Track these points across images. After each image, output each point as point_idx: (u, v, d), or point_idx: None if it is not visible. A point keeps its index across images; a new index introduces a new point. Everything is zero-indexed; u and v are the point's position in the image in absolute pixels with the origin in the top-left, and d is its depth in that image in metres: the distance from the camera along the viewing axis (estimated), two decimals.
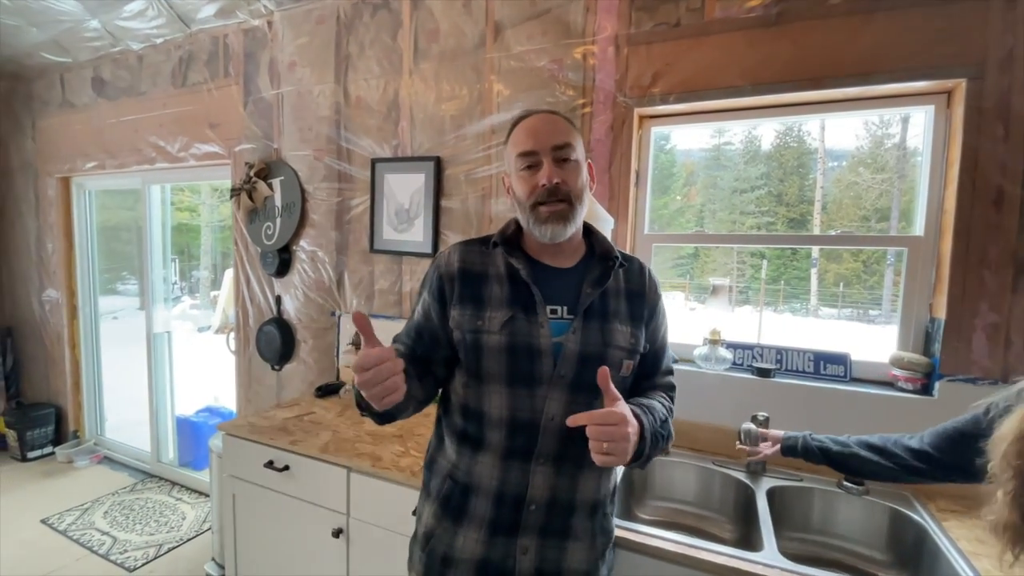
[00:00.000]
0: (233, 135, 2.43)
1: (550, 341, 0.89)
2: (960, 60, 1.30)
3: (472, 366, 0.92)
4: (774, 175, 13.34)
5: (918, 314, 1.45)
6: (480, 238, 1.01)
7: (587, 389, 0.88)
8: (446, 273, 0.95)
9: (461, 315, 0.92)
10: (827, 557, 1.29)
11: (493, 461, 0.91)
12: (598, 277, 0.95)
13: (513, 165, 0.93)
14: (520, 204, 0.93)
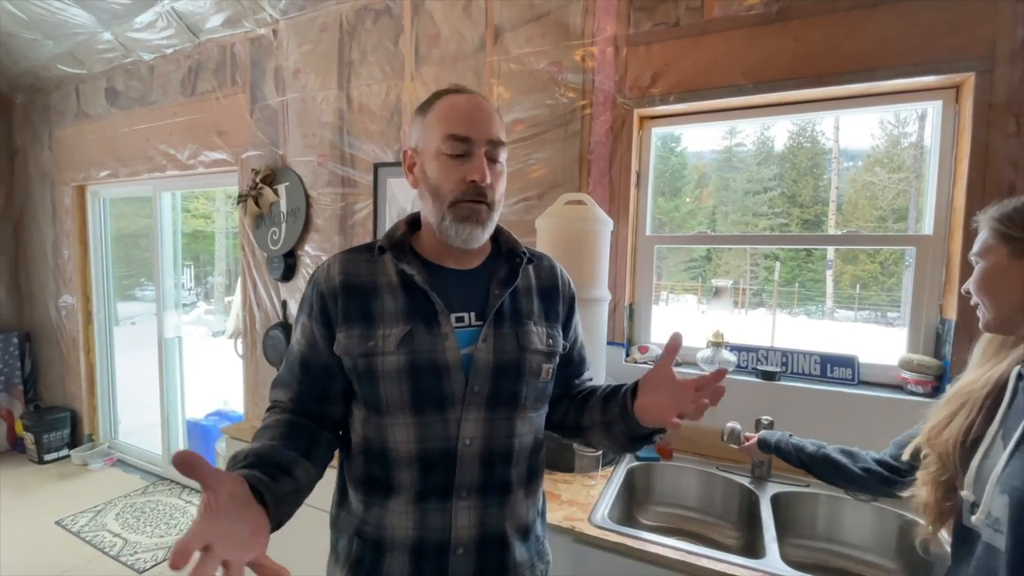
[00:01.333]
0: (240, 142, 2.46)
1: (458, 354, 0.77)
2: (968, 53, 1.26)
3: (369, 396, 0.77)
4: (787, 176, 13.20)
5: (928, 315, 1.41)
6: (364, 245, 0.85)
7: (507, 402, 0.80)
8: (328, 290, 0.79)
9: (348, 337, 0.77)
10: (832, 565, 1.26)
11: (406, 507, 0.76)
12: (506, 276, 0.84)
13: (435, 145, 0.77)
14: (435, 193, 0.78)
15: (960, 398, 0.79)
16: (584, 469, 1.38)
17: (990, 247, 0.76)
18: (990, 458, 0.72)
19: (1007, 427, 0.71)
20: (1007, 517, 0.63)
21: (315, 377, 0.80)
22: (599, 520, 1.16)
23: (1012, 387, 0.73)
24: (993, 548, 0.65)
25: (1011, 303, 0.74)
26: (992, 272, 0.75)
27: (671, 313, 9.32)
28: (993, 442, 0.72)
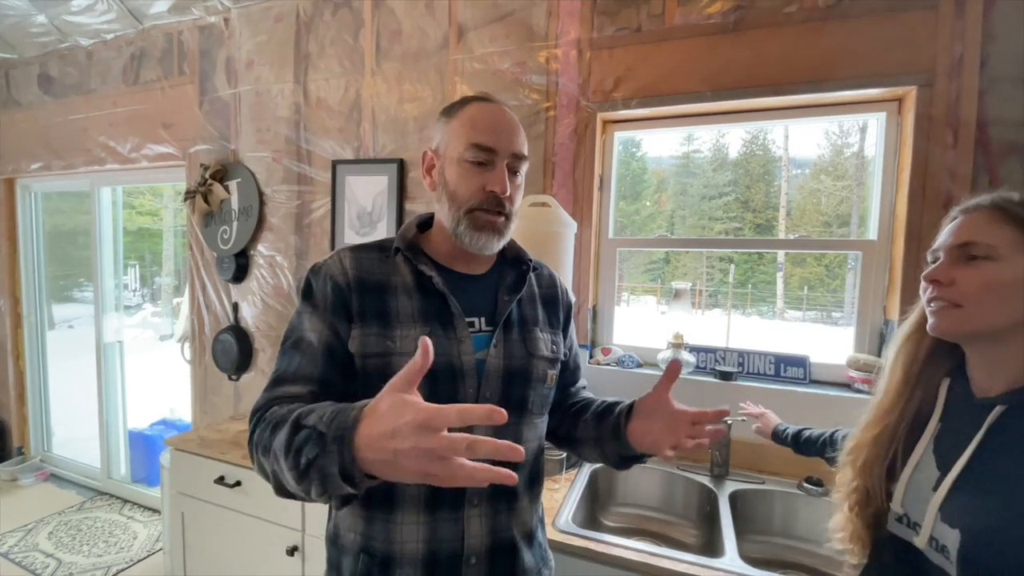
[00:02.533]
0: (188, 136, 2.33)
1: (473, 358, 0.77)
2: (910, 68, 1.33)
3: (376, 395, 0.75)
4: (741, 182, 13.74)
5: (873, 316, 1.48)
6: (371, 244, 0.84)
7: (515, 408, 0.80)
8: (344, 283, 0.77)
9: (365, 335, 0.75)
10: (789, 559, 1.30)
11: (416, 518, 0.74)
12: (513, 283, 0.86)
13: (458, 151, 0.77)
14: (452, 198, 0.79)
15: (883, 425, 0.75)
16: (548, 473, 1.37)
17: (1014, 247, 0.63)
18: (921, 472, 0.70)
19: (940, 445, 0.69)
20: (958, 552, 0.61)
21: (340, 366, 0.75)
22: (563, 524, 1.15)
23: (943, 402, 0.71)
24: (943, 572, 0.63)
25: (1005, 320, 0.64)
26: (1011, 282, 0.63)
27: (632, 314, 9.50)
28: (924, 456, 0.70)
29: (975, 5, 1.26)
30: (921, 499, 0.68)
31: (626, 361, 1.67)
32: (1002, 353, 0.65)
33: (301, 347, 0.76)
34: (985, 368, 0.67)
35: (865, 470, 0.75)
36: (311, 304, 0.78)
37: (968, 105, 1.28)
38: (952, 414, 0.70)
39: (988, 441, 0.63)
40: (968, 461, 0.64)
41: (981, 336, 0.66)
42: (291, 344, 0.77)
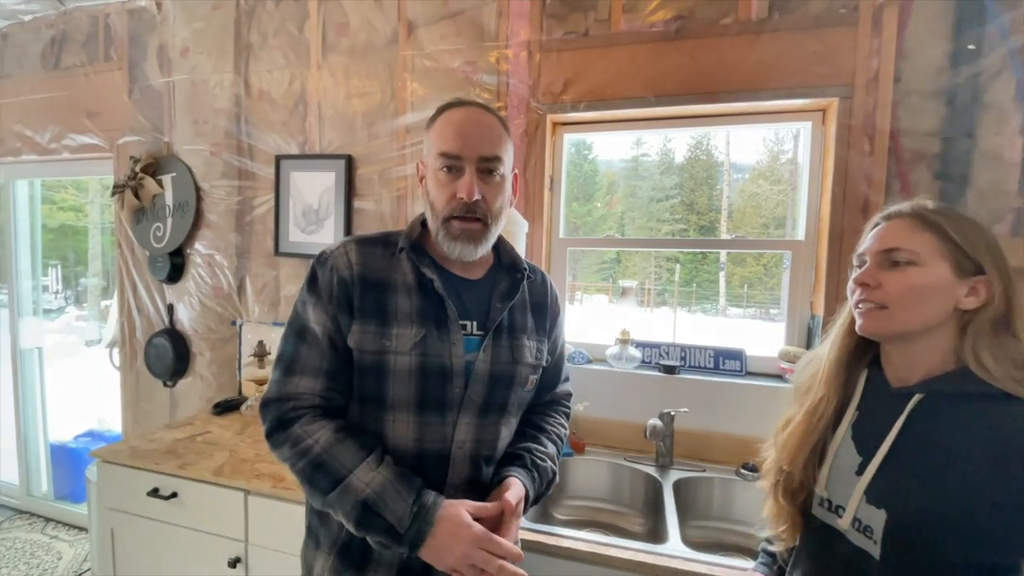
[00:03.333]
0: (116, 126, 2.18)
1: (463, 361, 0.81)
2: (833, 80, 1.44)
3: (372, 390, 0.80)
4: (686, 185, 14.30)
5: (801, 311, 1.59)
6: (377, 237, 0.86)
7: (496, 410, 0.85)
8: (349, 277, 0.80)
9: (363, 332, 0.79)
10: (727, 542, 1.37)
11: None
12: (507, 290, 0.89)
13: (432, 162, 0.81)
14: (432, 208, 0.83)
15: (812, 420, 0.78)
16: None
17: (933, 252, 0.68)
18: (842, 457, 0.74)
19: (859, 431, 0.74)
20: (883, 531, 0.66)
21: (343, 357, 0.81)
22: None
23: (862, 390, 0.77)
24: (864, 552, 0.68)
25: (926, 321, 0.68)
26: (932, 285, 0.67)
27: (586, 312, 9.68)
28: (843, 442, 0.75)
29: (890, 24, 1.37)
30: (844, 483, 0.73)
31: (576, 358, 1.70)
32: (919, 349, 0.71)
33: (307, 337, 0.81)
34: (902, 362, 0.73)
35: (795, 460, 0.79)
36: (315, 295, 0.82)
37: (883, 116, 1.40)
38: (869, 402, 0.76)
39: (908, 426, 0.69)
40: (891, 446, 0.69)
41: (906, 336, 0.70)
42: (296, 331, 0.82)
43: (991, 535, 0.60)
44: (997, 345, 0.65)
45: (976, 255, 0.67)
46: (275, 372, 0.82)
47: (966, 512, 0.61)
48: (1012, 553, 0.61)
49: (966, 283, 0.67)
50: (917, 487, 0.65)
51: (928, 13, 1.35)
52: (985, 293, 0.66)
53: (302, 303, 0.83)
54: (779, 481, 0.82)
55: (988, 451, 0.61)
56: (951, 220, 0.69)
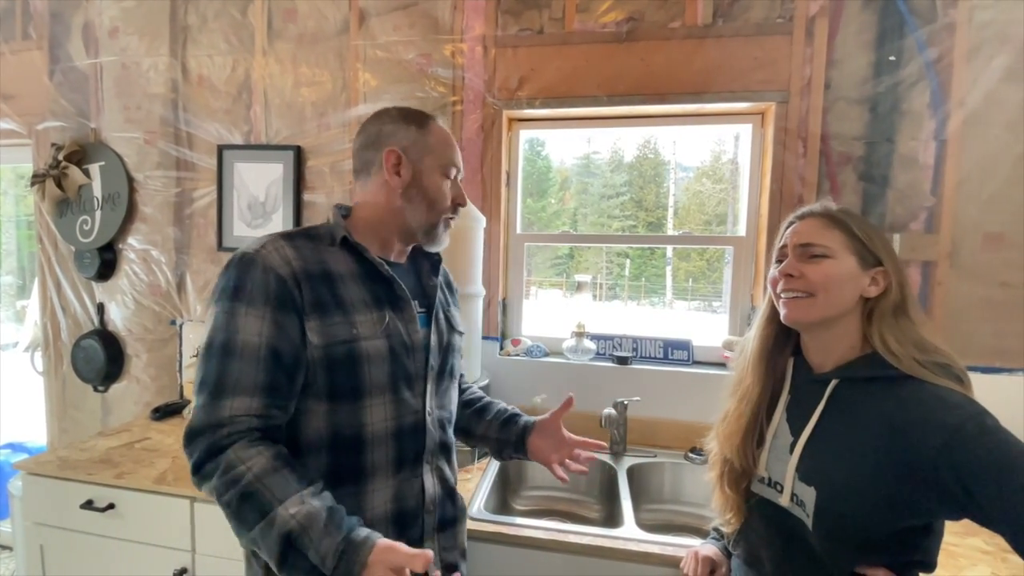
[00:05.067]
0: (35, 110, 2.00)
1: (420, 336, 0.87)
2: (771, 86, 1.53)
3: (345, 381, 0.78)
4: (635, 183, 14.70)
5: (742, 303, 1.68)
6: (297, 232, 0.85)
7: (448, 375, 0.94)
8: (288, 275, 0.76)
9: (327, 325, 0.77)
10: (678, 523, 1.44)
11: (385, 483, 0.82)
12: (431, 269, 0.97)
13: (438, 165, 0.88)
14: (431, 203, 0.88)
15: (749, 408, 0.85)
16: (460, 464, 1.37)
17: (842, 246, 0.77)
18: (779, 438, 0.81)
19: (791, 414, 0.81)
20: (813, 506, 0.72)
21: (287, 367, 0.75)
22: (476, 512, 1.18)
23: (791, 377, 0.85)
24: (802, 524, 0.75)
25: (841, 307, 0.76)
26: (844, 274, 0.76)
27: (540, 306, 9.80)
28: (780, 425, 0.82)
29: (821, 34, 1.47)
30: (781, 461, 0.80)
31: (534, 351, 1.73)
32: (832, 336, 0.79)
33: (237, 351, 0.72)
34: (817, 349, 0.81)
35: (738, 449, 0.85)
36: (245, 301, 0.74)
37: (815, 120, 1.50)
38: (798, 387, 0.84)
39: (828, 409, 0.76)
40: (814, 428, 0.77)
41: (826, 323, 0.77)
42: (222, 347, 0.73)
43: (899, 502, 0.67)
44: (898, 329, 0.74)
45: (875, 249, 0.77)
46: (199, 397, 0.72)
47: (875, 484, 0.68)
48: (920, 515, 0.68)
49: (868, 274, 0.76)
50: (837, 464, 0.72)
51: (855, 25, 1.46)
52: (884, 282, 0.76)
53: (225, 314, 0.74)
54: (724, 472, 0.88)
55: (888, 427, 0.68)
56: (854, 219, 0.79)
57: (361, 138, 0.89)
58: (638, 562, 1.06)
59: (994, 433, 0.61)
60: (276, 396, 0.73)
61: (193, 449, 0.71)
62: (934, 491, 0.64)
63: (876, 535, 0.70)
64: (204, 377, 0.73)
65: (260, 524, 0.66)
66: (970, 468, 0.60)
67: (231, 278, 0.76)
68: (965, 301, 1.43)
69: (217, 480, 0.69)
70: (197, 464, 0.71)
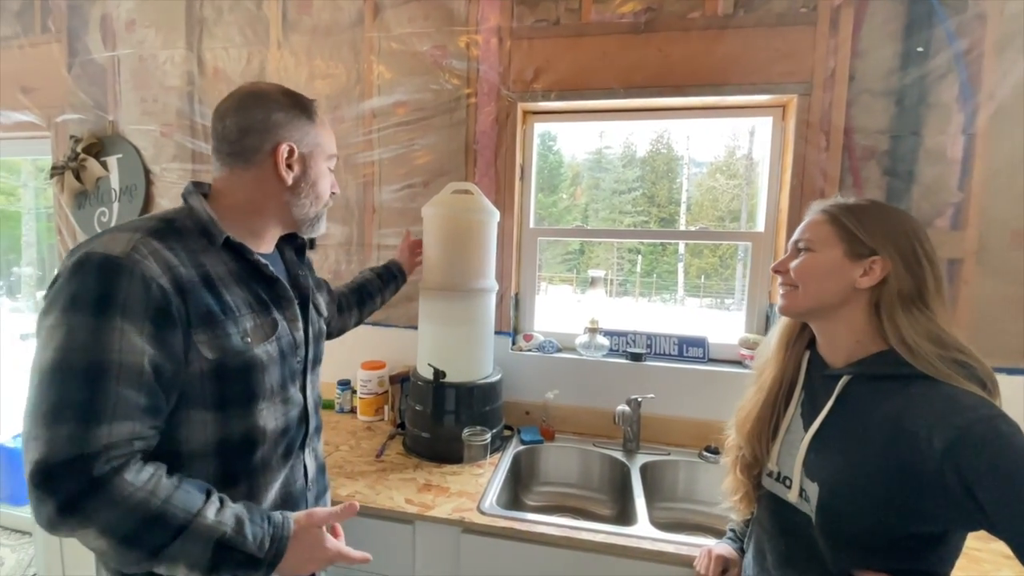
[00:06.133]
0: (54, 102, 2.03)
1: (301, 332, 0.89)
2: (793, 78, 1.49)
3: (238, 392, 0.75)
4: (648, 178, 14.56)
5: (760, 300, 1.65)
6: (160, 228, 0.73)
7: (318, 361, 0.98)
8: (171, 284, 0.68)
9: (218, 337, 0.72)
10: (692, 521, 1.42)
11: (275, 475, 0.83)
12: (296, 255, 0.98)
13: (324, 155, 0.89)
14: (319, 196, 0.89)
15: (766, 397, 0.86)
16: (473, 459, 1.38)
17: (826, 240, 0.77)
18: (792, 433, 0.81)
19: (805, 409, 0.81)
20: (817, 502, 0.72)
21: (166, 386, 0.68)
22: (487, 507, 1.17)
23: (805, 371, 0.84)
24: (808, 519, 0.74)
25: (826, 299, 0.77)
26: (825, 266, 0.76)
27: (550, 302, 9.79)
28: (794, 419, 0.82)
29: (847, 24, 1.43)
30: (791, 455, 0.79)
31: (547, 346, 1.72)
32: (834, 330, 0.78)
33: (112, 374, 0.62)
34: (825, 343, 0.81)
35: (750, 436, 0.86)
36: (118, 314, 0.63)
37: (838, 113, 1.46)
38: (811, 382, 0.83)
39: (837, 406, 0.75)
40: (821, 423, 0.75)
41: (815, 313, 0.79)
42: (89, 368, 0.62)
43: (904, 507, 0.65)
44: (913, 321, 0.70)
45: (869, 239, 0.74)
46: (55, 427, 0.60)
47: (878, 486, 0.66)
48: (929, 522, 0.65)
49: (859, 265, 0.74)
50: (840, 462, 0.71)
51: (881, 15, 1.41)
52: (880, 271, 0.73)
53: (86, 330, 0.62)
54: (738, 457, 0.89)
55: (894, 427, 0.66)
56: (849, 212, 0.77)
57: (238, 119, 0.79)
58: (652, 561, 1.05)
59: (1007, 438, 0.58)
60: (157, 417, 0.67)
61: (57, 487, 0.59)
62: (941, 497, 0.61)
63: (879, 539, 0.68)
64: (63, 401, 0.61)
65: (176, 540, 0.63)
66: (976, 473, 0.57)
67: (90, 286, 0.64)
68: (992, 300, 1.39)
69: (111, 514, 0.61)
70: (69, 503, 0.59)
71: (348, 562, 0.79)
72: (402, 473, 1.33)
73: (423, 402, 1.43)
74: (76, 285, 0.64)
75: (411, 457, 1.43)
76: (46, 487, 0.59)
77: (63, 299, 0.64)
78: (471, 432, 1.37)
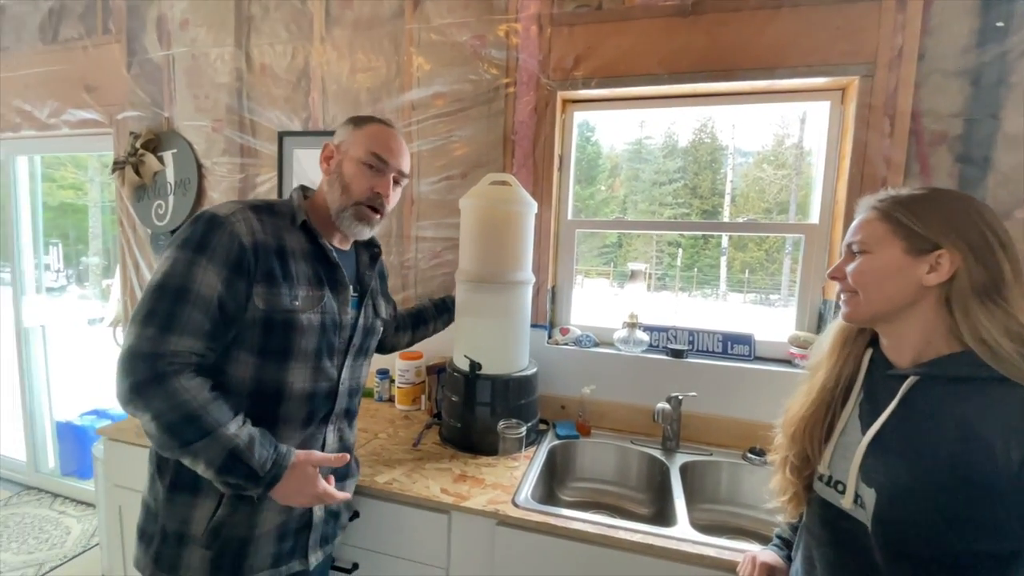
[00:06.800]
0: (115, 100, 2.14)
1: (349, 317, 1.03)
2: (854, 58, 1.39)
3: (277, 344, 0.91)
4: (690, 169, 14.12)
5: (812, 296, 1.57)
6: (262, 205, 0.95)
7: (364, 353, 1.10)
8: (249, 243, 0.87)
9: (272, 294, 0.89)
10: (734, 524, 1.37)
11: (292, 433, 0.95)
12: (369, 261, 1.14)
13: (359, 154, 1.00)
14: (346, 190, 0.99)
15: (819, 397, 0.80)
16: (508, 451, 1.37)
17: (882, 239, 0.71)
18: (848, 435, 0.75)
19: (863, 411, 0.75)
20: (873, 510, 0.67)
21: (228, 320, 0.86)
22: (522, 501, 1.16)
23: (865, 372, 0.78)
24: (863, 528, 0.69)
25: (892, 302, 0.70)
26: (884, 268, 0.70)
27: (587, 295, 9.70)
28: (850, 421, 0.76)
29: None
30: (846, 459, 0.74)
31: (584, 340, 1.69)
32: (902, 330, 0.72)
33: (191, 298, 0.82)
34: (891, 344, 0.75)
35: (800, 437, 0.81)
36: (207, 256, 0.84)
37: (904, 96, 1.36)
38: (872, 382, 0.77)
39: (901, 408, 0.69)
40: (882, 426, 0.70)
41: (882, 318, 0.73)
42: (176, 290, 0.82)
43: (972, 520, 0.60)
44: (990, 315, 0.64)
45: (930, 233, 0.68)
46: (145, 327, 0.80)
47: (942, 496, 0.61)
48: (1001, 539, 0.60)
49: (925, 261, 0.68)
50: (901, 468, 0.66)
51: None
52: (948, 266, 0.66)
53: (185, 263, 0.83)
54: (787, 456, 0.84)
55: (966, 433, 0.61)
56: (902, 205, 0.70)
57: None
58: (692, 564, 1.01)
59: None
60: (214, 341, 0.85)
61: (132, 371, 0.79)
62: (1015, 511, 0.56)
63: (941, 553, 0.62)
64: (155, 310, 0.81)
65: (202, 440, 0.79)
66: None
67: (198, 232, 0.85)
68: None
69: (161, 404, 0.78)
70: (138, 385, 0.79)
71: (332, 501, 0.93)
72: (438, 463, 1.34)
73: (458, 393, 1.43)
74: (188, 231, 0.86)
75: (447, 447, 1.44)
76: (125, 370, 0.79)
77: (179, 239, 0.85)
78: (506, 425, 1.37)
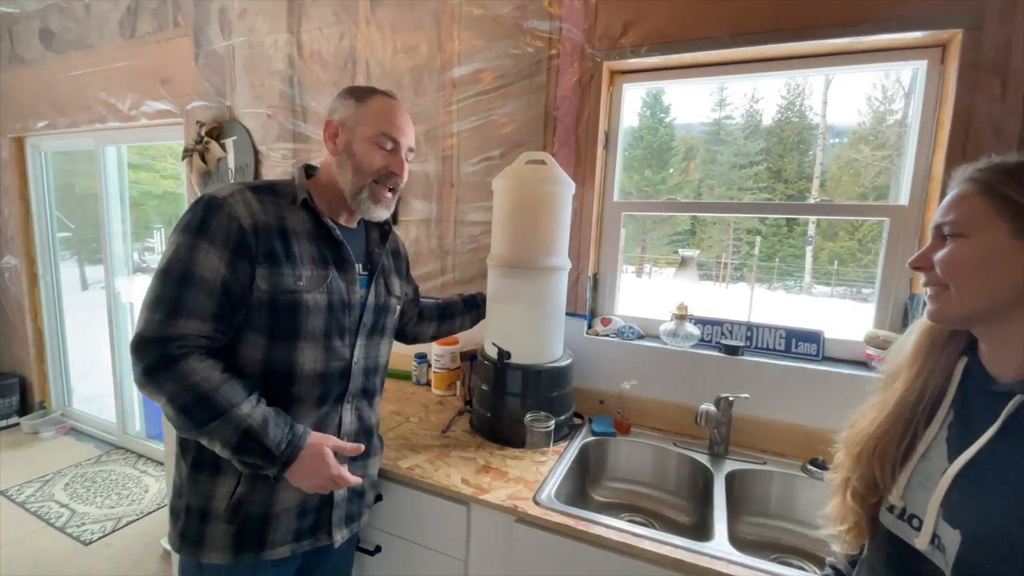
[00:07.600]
0: (185, 91, 2.27)
1: (358, 296, 1.00)
2: (957, 7, 1.16)
3: (284, 325, 0.90)
4: (774, 151, 13.09)
5: (897, 289, 1.35)
6: (265, 186, 0.93)
7: (379, 332, 1.07)
8: (249, 225, 0.86)
9: (275, 275, 0.88)
10: (785, 543, 1.22)
11: (307, 413, 0.94)
12: (379, 238, 1.10)
13: (369, 133, 0.95)
14: (358, 168, 0.96)
15: (896, 412, 0.67)
16: (534, 445, 1.31)
17: (982, 219, 0.56)
18: (931, 462, 0.62)
19: (953, 431, 0.62)
20: (956, 555, 0.55)
21: (234, 303, 0.85)
22: (544, 499, 1.09)
23: (958, 384, 0.63)
24: (938, 570, 0.57)
25: (992, 299, 0.56)
26: (983, 256, 0.56)
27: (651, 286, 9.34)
28: (934, 445, 0.63)
29: None
30: (926, 490, 0.60)
31: (626, 332, 1.58)
32: (1007, 334, 0.57)
33: (194, 281, 0.82)
34: (992, 352, 0.60)
35: (868, 458, 0.67)
36: (207, 239, 0.83)
37: (1019, 53, 1.12)
38: (966, 399, 0.62)
39: (1002, 433, 0.55)
40: (976, 454, 0.56)
41: (978, 318, 0.59)
42: (181, 275, 0.82)
43: None
44: None
45: None
46: (154, 312, 0.81)
47: None
48: None
49: None
50: (997, 508, 0.53)
51: None
52: None
53: (187, 247, 0.83)
54: (849, 479, 0.70)
55: None
56: (1009, 176, 0.56)
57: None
58: None
59: None
60: (222, 323, 0.85)
61: (143, 355, 0.80)
62: None
63: None
64: (161, 296, 0.81)
65: (215, 421, 0.80)
66: None
67: (198, 216, 0.84)
68: None
69: (174, 387, 0.80)
70: (149, 368, 0.80)
71: (346, 484, 0.92)
72: (464, 452, 1.30)
73: (488, 382, 1.38)
74: (189, 215, 0.85)
75: (476, 436, 1.40)
76: (137, 354, 0.81)
77: (180, 224, 0.85)
78: (534, 417, 1.30)
